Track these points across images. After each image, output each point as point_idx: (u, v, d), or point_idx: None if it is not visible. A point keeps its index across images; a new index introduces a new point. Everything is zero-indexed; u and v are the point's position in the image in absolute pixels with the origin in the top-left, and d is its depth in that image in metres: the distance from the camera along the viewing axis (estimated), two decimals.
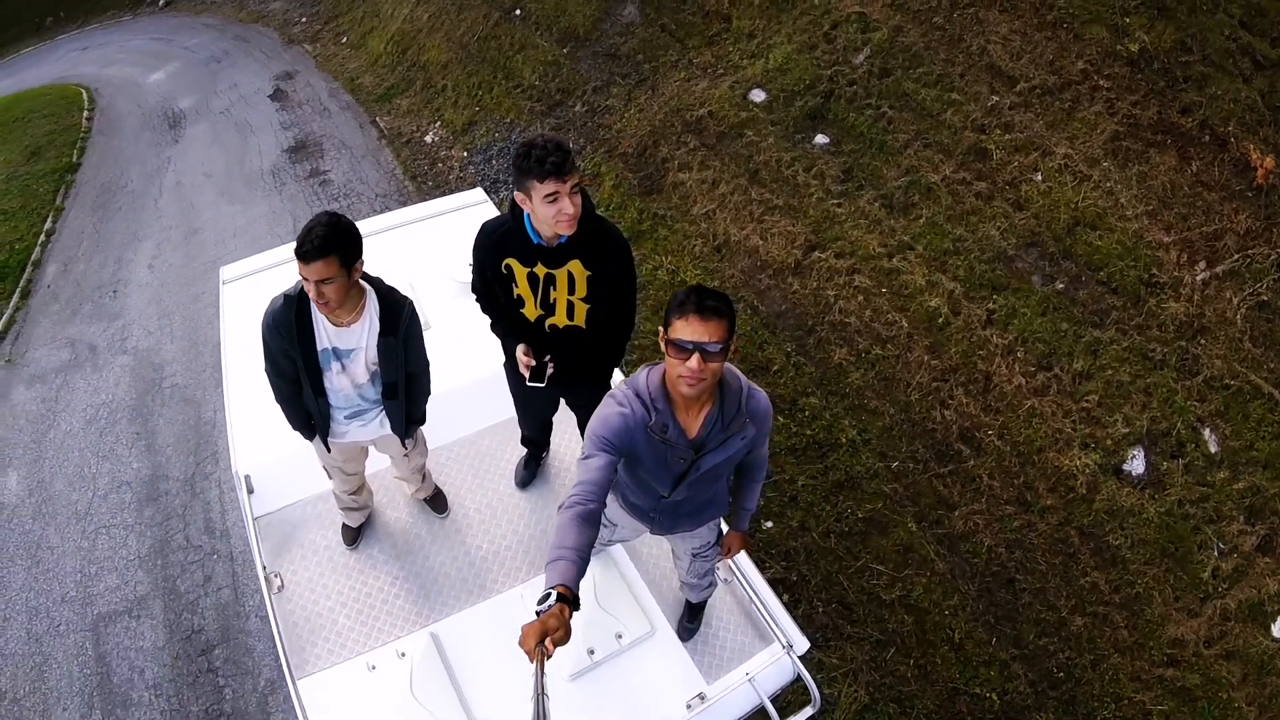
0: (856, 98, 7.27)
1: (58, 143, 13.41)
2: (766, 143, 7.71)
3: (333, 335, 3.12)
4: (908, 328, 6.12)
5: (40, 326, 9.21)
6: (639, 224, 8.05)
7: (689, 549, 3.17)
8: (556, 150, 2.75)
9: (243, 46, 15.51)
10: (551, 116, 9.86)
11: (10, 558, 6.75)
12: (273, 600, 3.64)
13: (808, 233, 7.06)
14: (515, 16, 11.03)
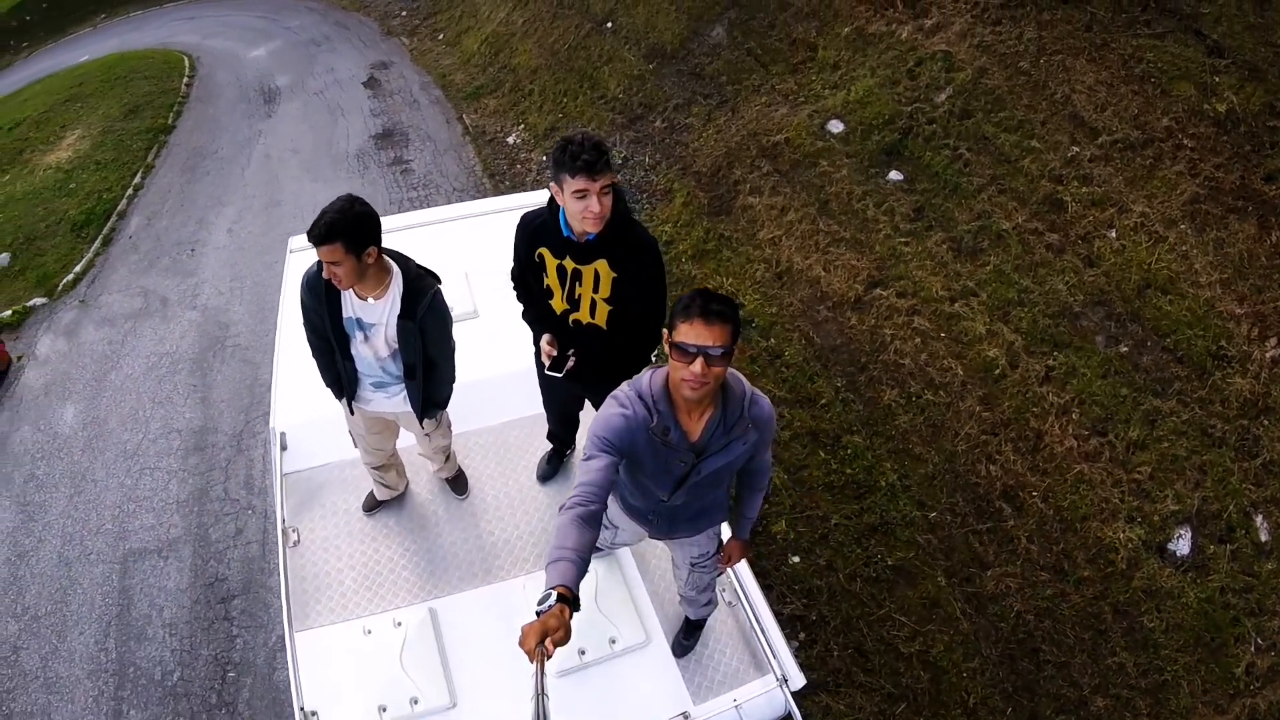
0: (935, 137, 7.15)
1: (156, 104, 14.06)
2: (840, 174, 7.64)
3: (358, 307, 3.25)
4: (962, 375, 5.98)
5: (117, 274, 9.71)
6: (704, 243, 8.06)
7: (687, 557, 3.14)
8: (592, 149, 2.81)
9: (343, 33, 16.04)
10: (631, 129, 9.95)
11: (55, 484, 7.13)
12: (286, 553, 3.80)
13: (871, 268, 6.96)
14: (606, 29, 11.16)
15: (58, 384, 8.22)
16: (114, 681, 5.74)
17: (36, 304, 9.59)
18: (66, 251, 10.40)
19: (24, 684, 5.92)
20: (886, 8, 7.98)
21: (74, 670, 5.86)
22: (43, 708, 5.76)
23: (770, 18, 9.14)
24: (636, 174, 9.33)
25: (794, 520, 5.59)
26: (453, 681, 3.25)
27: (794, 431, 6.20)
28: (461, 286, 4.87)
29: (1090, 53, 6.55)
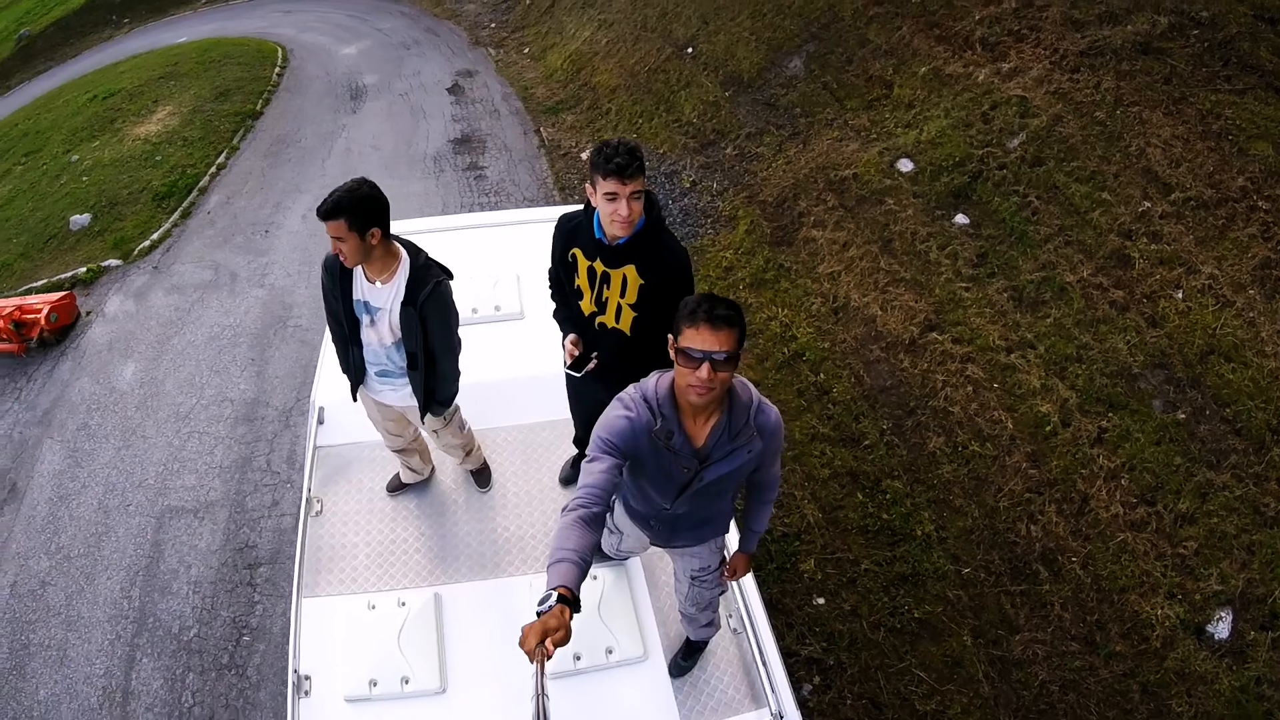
0: (1004, 182, 7.00)
1: (246, 89, 14.62)
2: (905, 214, 7.54)
3: (367, 290, 3.35)
4: (1012, 429, 5.83)
5: (192, 245, 10.16)
6: (764, 272, 8.04)
7: (689, 569, 3.09)
8: (625, 153, 2.84)
9: (432, 39, 16.45)
10: (703, 154, 10.00)
11: (106, 435, 7.51)
12: (307, 521, 3.91)
13: (929, 311, 6.85)
14: (687, 54, 11.24)
15: (121, 342, 8.65)
16: (132, 629, 5.99)
17: (111, 265, 10.11)
18: (146, 219, 10.93)
19: (46, 618, 6.23)
20: (965, 49, 7.88)
21: (96, 612, 6.14)
22: (60, 643, 6.03)
23: (849, 53, 9.10)
24: (703, 199, 9.37)
25: (823, 561, 5.51)
26: (446, 668, 3.29)
27: (834, 470, 6.12)
28: (512, 288, 4.98)
29: (1168, 106, 6.36)
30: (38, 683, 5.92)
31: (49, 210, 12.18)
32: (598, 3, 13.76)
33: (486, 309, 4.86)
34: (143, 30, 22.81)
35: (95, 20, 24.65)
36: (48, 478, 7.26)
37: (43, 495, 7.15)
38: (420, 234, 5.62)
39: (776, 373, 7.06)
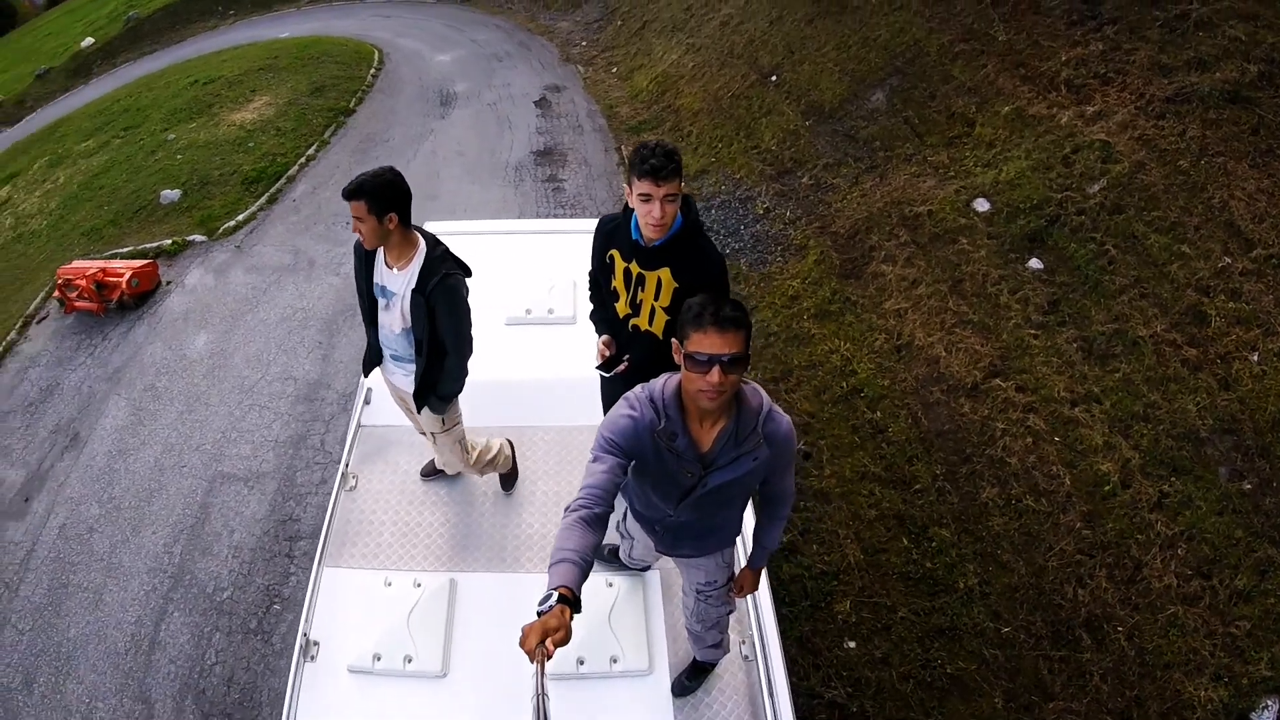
0: (1082, 229, 6.79)
1: (341, 87, 15.22)
2: (978, 254, 7.38)
3: (384, 274, 3.48)
4: (1069, 486, 5.63)
5: (275, 229, 10.69)
6: (829, 303, 7.96)
7: (695, 582, 3.05)
8: (661, 155, 2.88)
9: (524, 53, 16.82)
10: (779, 182, 9.97)
11: (171, 398, 7.98)
12: (340, 494, 4.07)
13: (995, 357, 6.67)
14: (771, 82, 11.24)
15: (197, 313, 9.16)
16: (169, 583, 6.32)
17: (196, 240, 10.73)
18: (234, 201, 11.53)
19: (88, 562, 6.64)
20: (1050, 90, 7.67)
21: (137, 563, 6.51)
22: (97, 587, 6.41)
23: (932, 89, 8.96)
24: (775, 226, 9.34)
25: (860, 604, 5.42)
26: (450, 652, 3.34)
27: (881, 512, 6.02)
28: (568, 293, 5.09)
29: (1254, 158, 6.07)
30: (70, 621, 6.29)
31: (141, 183, 12.89)
32: (687, 27, 13.88)
33: (540, 311, 4.99)
34: (247, 23, 24.01)
35: (202, 10, 26.09)
36: (110, 431, 7.77)
37: (102, 447, 7.64)
38: (487, 234, 5.85)
39: (833, 407, 6.98)
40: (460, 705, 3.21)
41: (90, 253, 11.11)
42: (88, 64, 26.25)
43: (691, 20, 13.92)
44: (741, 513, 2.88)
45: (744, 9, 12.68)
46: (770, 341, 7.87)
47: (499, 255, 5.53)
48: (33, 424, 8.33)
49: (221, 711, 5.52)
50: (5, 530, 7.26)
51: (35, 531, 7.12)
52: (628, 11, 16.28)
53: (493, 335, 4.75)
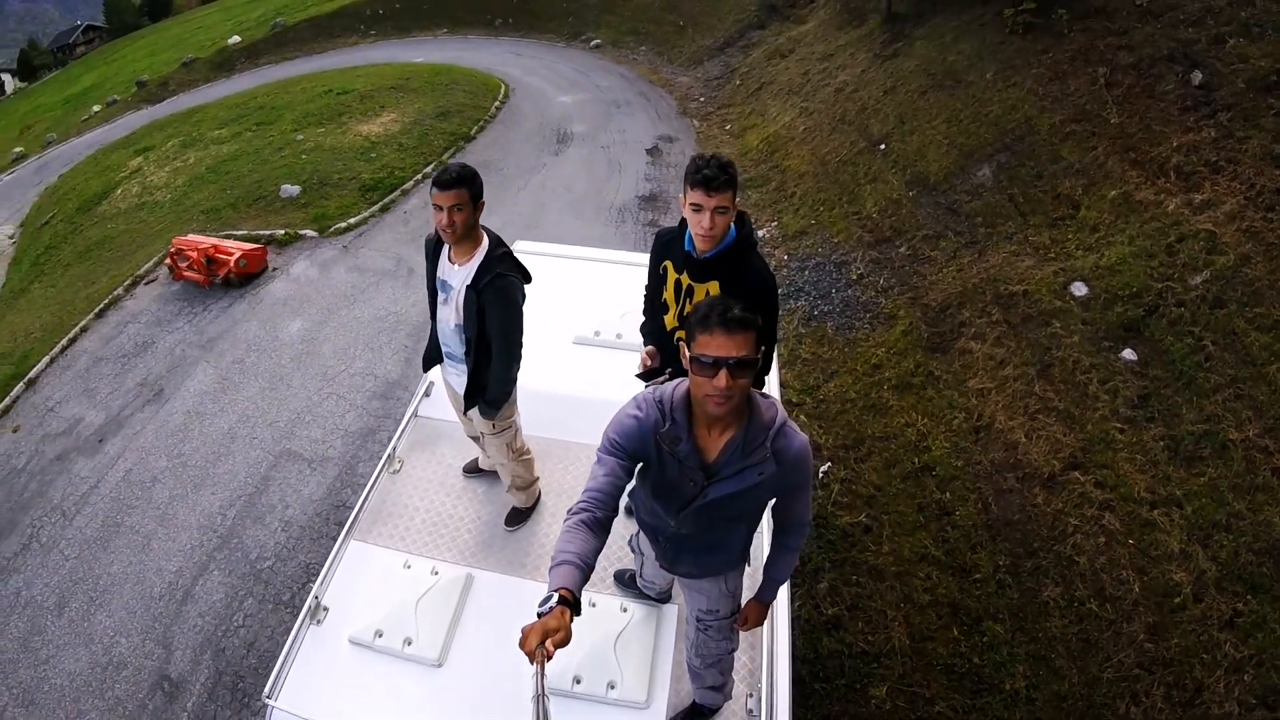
0: (1180, 321, 6.44)
1: (465, 114, 16.10)
2: (1071, 340, 7.10)
3: (446, 269, 3.58)
4: (1137, 593, 5.28)
5: (383, 236, 11.36)
6: (912, 376, 7.79)
7: (696, 609, 2.94)
8: (715, 166, 2.87)
9: (643, 102, 17.30)
10: (876, 249, 9.87)
11: (256, 374, 8.53)
12: (383, 474, 4.22)
13: (1076, 448, 6.37)
14: (879, 150, 11.19)
15: (295, 300, 9.79)
16: (216, 542, 6.69)
17: (307, 234, 11.56)
18: (348, 204, 12.34)
19: (145, 508, 7.13)
20: (1158, 176, 7.36)
21: (190, 518, 6.95)
22: (148, 533, 6.89)
23: (1040, 167, 8.73)
24: (867, 293, 9.23)
25: (897, 691, 5.21)
26: (450, 644, 3.35)
27: (935, 598, 5.80)
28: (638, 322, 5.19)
29: None
30: (115, 559, 6.76)
31: (265, 175, 13.96)
32: (803, 91, 14.00)
33: (608, 334, 5.06)
34: (386, 44, 25.79)
35: (345, 26, 28.18)
36: (192, 394, 8.41)
37: (182, 406, 8.27)
38: (573, 259, 6.03)
39: (901, 482, 6.79)
40: (450, 698, 3.20)
41: (206, 230, 12.12)
42: (231, 60, 28.81)
43: (808, 85, 14.04)
44: (747, 536, 2.76)
45: (860, 77, 12.72)
46: (846, 408, 7.75)
47: (580, 279, 5.70)
48: (122, 374, 9.13)
49: (235, 672, 5.78)
50: (74, 464, 7.94)
51: (102, 471, 7.76)
52: (747, 72, 16.57)
53: (558, 351, 4.90)
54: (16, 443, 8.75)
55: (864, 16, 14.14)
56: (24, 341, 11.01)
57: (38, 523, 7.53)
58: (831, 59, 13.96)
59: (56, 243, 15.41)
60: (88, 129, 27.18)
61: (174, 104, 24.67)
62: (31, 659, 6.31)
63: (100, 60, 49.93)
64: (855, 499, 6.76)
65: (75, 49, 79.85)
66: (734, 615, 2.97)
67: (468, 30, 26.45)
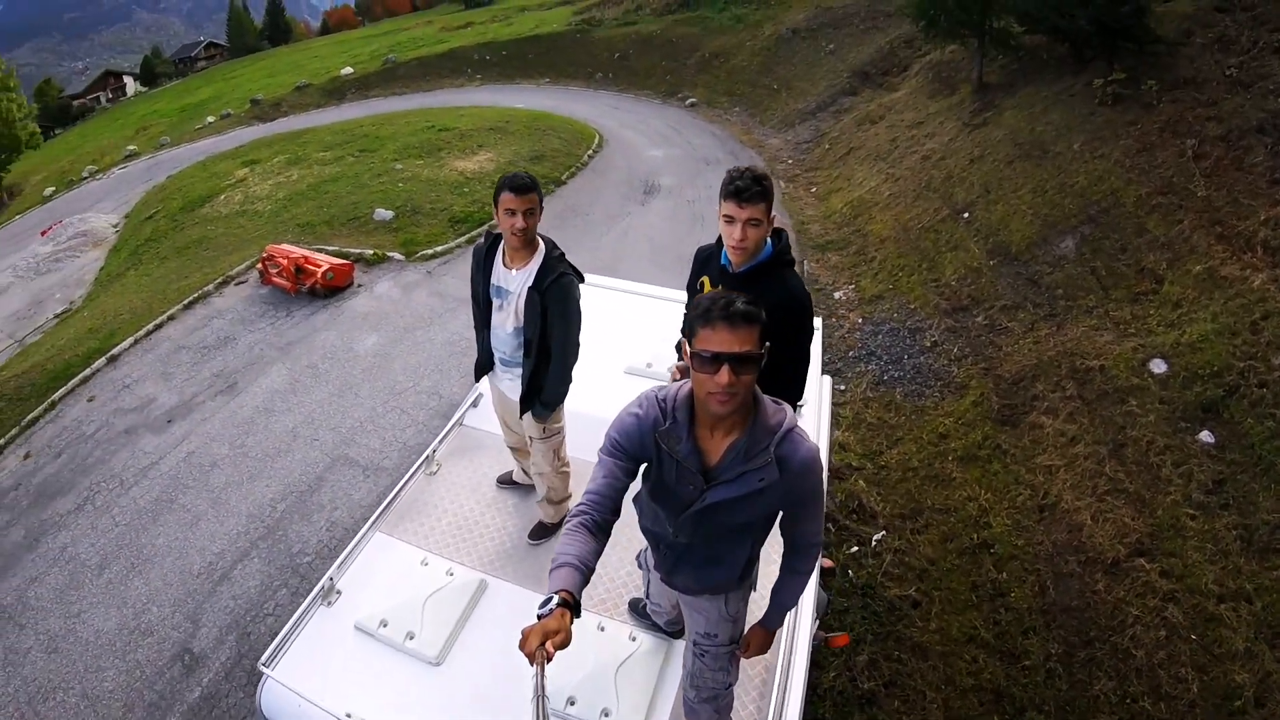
0: (1262, 403, 6.08)
1: (558, 160, 16.70)
2: (1146, 419, 6.78)
3: (502, 275, 3.66)
4: (1195, 694, 4.92)
5: (465, 266, 11.75)
6: (979, 448, 7.56)
7: (694, 632, 2.81)
8: (749, 179, 2.87)
9: (732, 160, 17.34)
10: (952, 317, 9.68)
11: (327, 380, 9.00)
12: (420, 473, 4.33)
13: (1144, 533, 6.04)
14: (962, 218, 11.03)
15: (374, 316, 10.24)
16: (261, 531, 6.96)
17: (394, 257, 12.15)
18: (437, 233, 12.95)
19: (199, 490, 7.54)
20: (1245, 251, 7.02)
21: (241, 505, 7.28)
22: (198, 513, 7.26)
23: (1124, 240, 8.45)
24: (939, 361, 9.04)
25: None
26: (452, 645, 3.34)
27: (979, 682, 5.53)
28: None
29: None
30: (161, 532, 7.15)
31: (361, 198, 14.74)
32: (890, 157, 13.96)
33: (660, 368, 5.09)
34: (490, 88, 27.11)
35: (453, 68, 29.86)
36: (264, 390, 8.87)
37: (252, 401, 8.71)
38: (637, 295, 6.18)
39: (956, 558, 6.55)
40: (442, 698, 3.17)
41: (300, 242, 12.87)
42: (343, 89, 30.78)
43: (895, 151, 13.99)
44: (750, 552, 2.60)
45: (947, 145, 12.62)
46: (907, 476, 7.56)
47: (640, 313, 5.79)
48: (200, 363, 9.76)
49: (255, 657, 5.96)
50: (141, 439, 8.49)
51: (165, 449, 8.26)
52: (837, 137, 16.63)
53: (610, 379, 4.93)
54: (89, 411, 9.43)
55: (955, 85, 14.07)
56: (112, 321, 11.88)
57: (96, 487, 8.05)
58: (920, 126, 13.90)
59: (157, 236, 16.59)
60: (200, 137, 29.32)
61: (284, 124, 26.46)
62: (64, 611, 6.69)
63: (219, 76, 54.08)
64: (907, 571, 6.55)
65: (196, 62, 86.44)
66: (734, 644, 2.82)
67: (569, 81, 27.59)
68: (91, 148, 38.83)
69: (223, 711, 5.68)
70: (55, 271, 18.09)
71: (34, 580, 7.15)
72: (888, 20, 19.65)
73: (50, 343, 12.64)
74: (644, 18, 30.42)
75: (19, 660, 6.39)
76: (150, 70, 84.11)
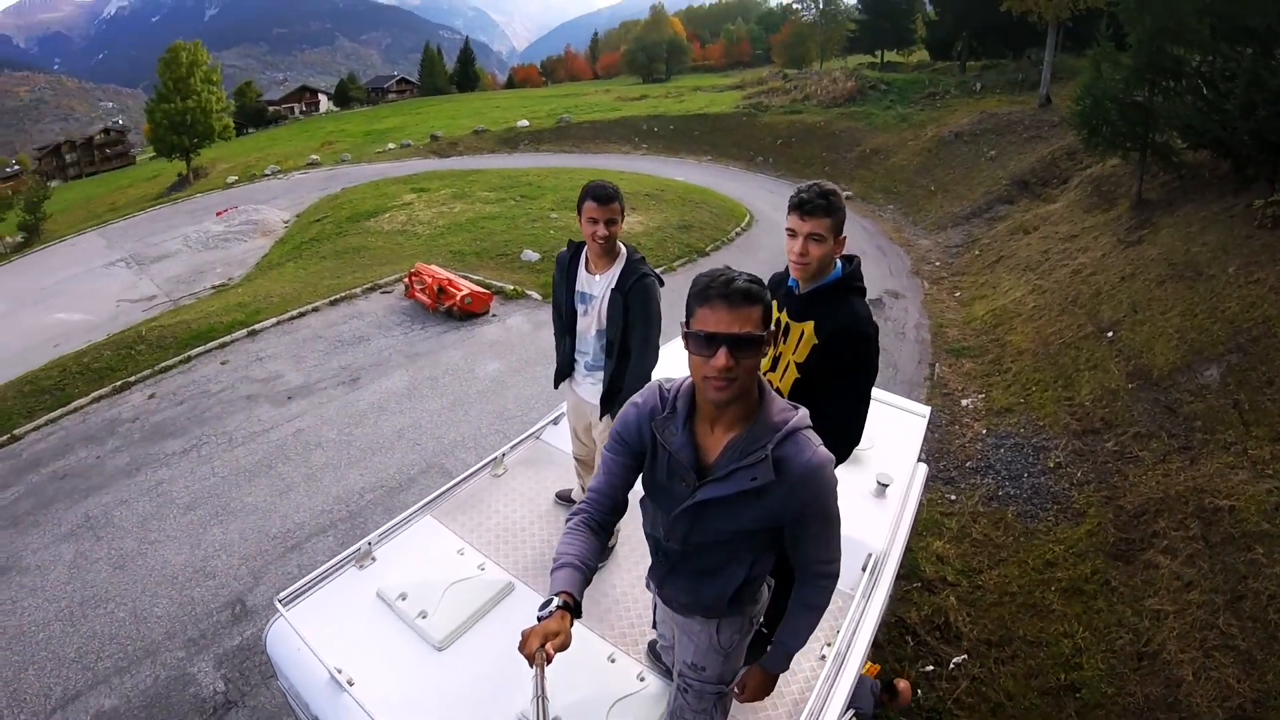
0: None
1: (705, 232, 17.30)
2: (1272, 570, 6.21)
3: (585, 280, 3.82)
4: None
5: None
6: (1084, 582, 7.12)
7: (681, 661, 2.60)
8: (815, 193, 2.79)
9: (879, 256, 17.46)
10: (1080, 439, 9.21)
11: (442, 394, 9.75)
12: (485, 472, 4.56)
13: (1248, 698, 5.50)
14: (1105, 337, 10.53)
15: (501, 345, 10.87)
16: (344, 514, 7.49)
17: (532, 295, 12.97)
18: None
19: (298, 465, 8.18)
20: None
21: (332, 487, 7.91)
22: (290, 484, 7.89)
23: (1272, 373, 7.83)
24: (1060, 483, 8.61)
25: None
26: (460, 635, 3.34)
27: None
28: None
29: None
30: (253, 491, 7.91)
31: (513, 238, 15.81)
32: (1040, 269, 13.51)
33: None
34: (653, 158, 28.69)
35: (621, 135, 31.84)
36: (382, 390, 9.64)
37: (369, 397, 9.46)
38: None
39: (1037, 697, 6.17)
40: (433, 683, 3.15)
41: (448, 266, 13.95)
42: (516, 139, 33.25)
43: (1046, 263, 13.54)
44: (747, 570, 2.32)
45: (1099, 260, 12.11)
46: (1003, 600, 7.20)
47: None
48: (331, 354, 10.63)
49: None
50: (259, 407, 9.36)
51: (279, 421, 9.03)
52: (988, 244, 16.26)
53: None
54: (220, 373, 10.51)
55: (1114, 200, 13.55)
56: (262, 301, 13.23)
57: (205, 439, 8.90)
58: (1074, 240, 13.42)
59: (321, 238, 18.35)
60: (378, 160, 32.30)
61: (457, 162, 28.73)
62: (141, 536, 7.39)
63: (406, 109, 59.42)
64: (981, 702, 6.22)
65: (386, 94, 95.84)
66: (723, 684, 2.57)
67: (730, 161, 28.52)
68: (278, 150, 44.07)
69: (253, 666, 5.99)
70: (222, 249, 20.78)
71: (123, 503, 7.99)
72: (1052, 130, 19.21)
73: (201, 308, 14.26)
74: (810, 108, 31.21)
75: (86, 566, 7.10)
76: (344, 93, 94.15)
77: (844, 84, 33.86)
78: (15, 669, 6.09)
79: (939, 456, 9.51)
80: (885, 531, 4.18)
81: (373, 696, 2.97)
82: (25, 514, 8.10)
